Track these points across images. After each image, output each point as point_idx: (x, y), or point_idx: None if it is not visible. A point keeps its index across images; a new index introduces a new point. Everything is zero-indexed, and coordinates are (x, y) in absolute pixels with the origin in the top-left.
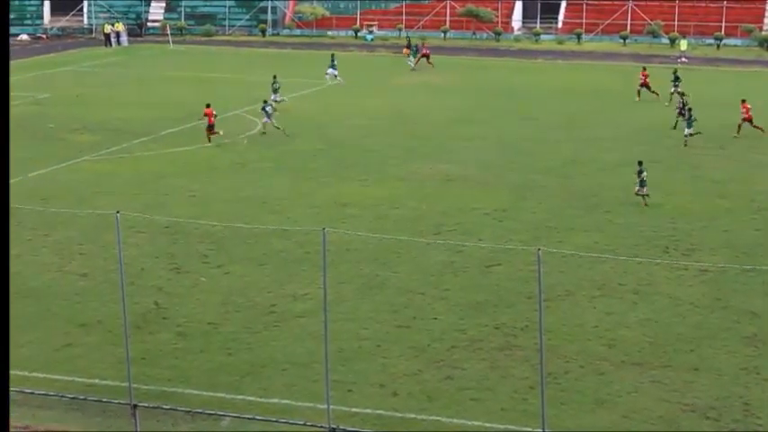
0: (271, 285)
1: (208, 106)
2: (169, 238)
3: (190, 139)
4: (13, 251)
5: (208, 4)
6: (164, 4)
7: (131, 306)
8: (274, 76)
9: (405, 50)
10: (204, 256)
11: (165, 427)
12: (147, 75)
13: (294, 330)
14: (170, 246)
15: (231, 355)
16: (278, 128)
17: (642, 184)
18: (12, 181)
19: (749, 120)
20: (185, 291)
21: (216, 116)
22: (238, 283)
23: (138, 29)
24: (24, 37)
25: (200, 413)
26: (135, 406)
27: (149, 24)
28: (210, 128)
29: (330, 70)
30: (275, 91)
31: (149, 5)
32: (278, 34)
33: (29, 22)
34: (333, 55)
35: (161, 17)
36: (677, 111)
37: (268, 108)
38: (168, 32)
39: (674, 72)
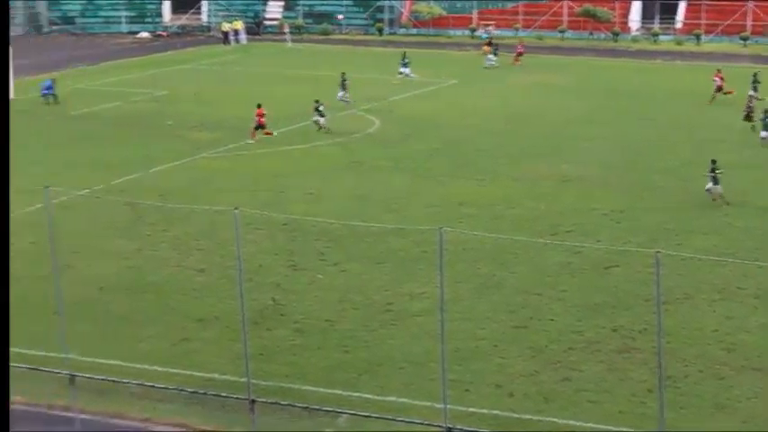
0: (388, 284)
1: (259, 106)
2: (286, 236)
3: (306, 137)
4: (132, 246)
5: (325, 2)
6: (282, 3)
7: (249, 302)
8: (343, 73)
9: (485, 48)
10: (321, 253)
11: (283, 422)
12: (264, 73)
13: (411, 329)
14: (287, 243)
15: (348, 353)
16: (325, 129)
17: (715, 181)
18: (131, 177)
19: None
20: (303, 288)
21: (265, 116)
22: (355, 280)
23: (256, 27)
24: (144, 35)
25: (318, 410)
26: (253, 401)
27: (267, 23)
28: (260, 127)
29: (403, 69)
30: (343, 88)
31: (267, 4)
32: (395, 33)
33: (149, 20)
34: (404, 53)
35: (279, 15)
36: (745, 113)
37: (321, 107)
38: (286, 31)
39: (755, 75)
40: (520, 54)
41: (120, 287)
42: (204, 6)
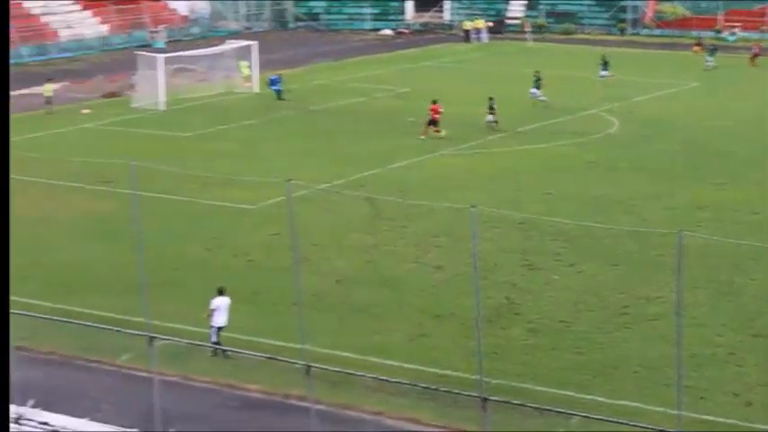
0: (623, 286)
1: (434, 102)
2: (522, 235)
3: (545, 137)
4: (370, 241)
5: (568, 2)
6: (525, 2)
7: (484, 300)
8: (536, 72)
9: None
10: (557, 254)
11: (514, 421)
12: (505, 72)
13: (646, 333)
14: (523, 242)
15: (582, 355)
16: (492, 126)
17: None
18: (372, 172)
19: None
20: (538, 288)
21: (440, 113)
22: (591, 282)
23: (498, 26)
24: (387, 32)
25: (549, 410)
26: (485, 399)
27: (509, 21)
28: (433, 123)
29: (603, 72)
30: (538, 87)
31: (509, 3)
32: (637, 34)
33: (392, 17)
34: (603, 55)
35: (521, 14)
36: None
37: (495, 105)
38: (527, 30)
39: None
40: (756, 55)
41: (357, 281)
42: (447, 5)
